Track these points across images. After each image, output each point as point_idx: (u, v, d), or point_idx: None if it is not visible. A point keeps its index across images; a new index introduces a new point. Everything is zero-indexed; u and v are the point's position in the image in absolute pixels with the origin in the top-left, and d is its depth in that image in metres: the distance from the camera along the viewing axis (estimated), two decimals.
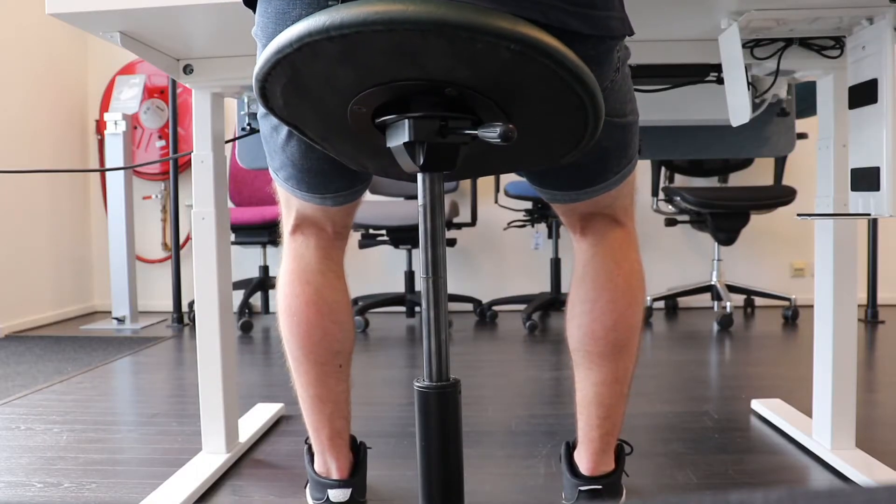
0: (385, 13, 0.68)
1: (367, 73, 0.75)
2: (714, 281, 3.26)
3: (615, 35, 0.84)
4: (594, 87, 0.76)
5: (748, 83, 1.18)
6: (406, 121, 0.76)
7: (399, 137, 0.77)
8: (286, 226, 1.15)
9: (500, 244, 3.70)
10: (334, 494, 1.14)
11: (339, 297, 1.13)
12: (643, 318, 1.12)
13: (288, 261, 1.14)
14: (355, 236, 3.46)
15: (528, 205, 3.32)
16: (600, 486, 1.11)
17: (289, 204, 1.12)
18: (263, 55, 0.76)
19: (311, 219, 1.11)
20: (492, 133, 0.70)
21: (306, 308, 1.11)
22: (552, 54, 0.71)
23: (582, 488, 1.12)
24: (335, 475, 1.15)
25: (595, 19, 0.80)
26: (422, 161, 0.77)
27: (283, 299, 1.14)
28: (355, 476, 1.16)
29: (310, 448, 1.21)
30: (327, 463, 1.16)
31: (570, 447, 1.18)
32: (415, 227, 3.04)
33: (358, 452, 1.19)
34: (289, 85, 0.79)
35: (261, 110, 1.02)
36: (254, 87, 0.81)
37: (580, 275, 1.11)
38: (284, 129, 0.99)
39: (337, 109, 0.82)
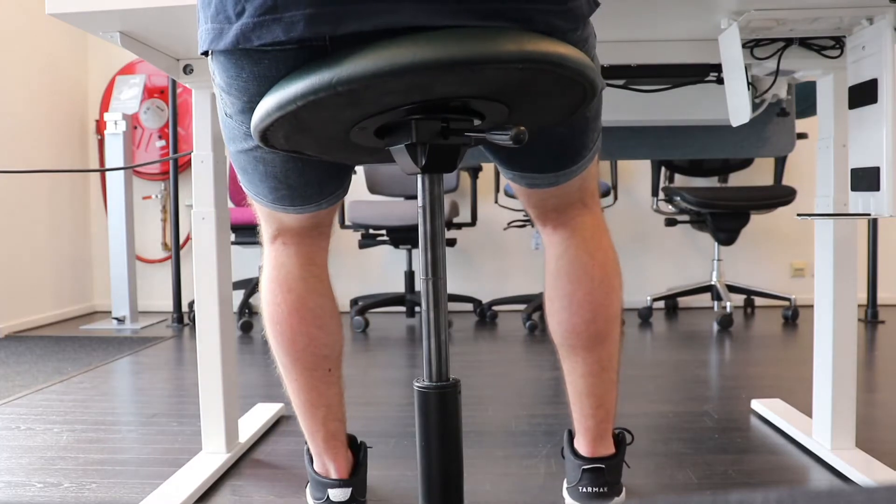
0: (394, 63, 0.67)
1: (373, 108, 0.75)
2: (714, 281, 3.26)
3: (587, 16, 0.85)
4: (594, 74, 0.77)
5: (748, 83, 1.18)
6: (409, 124, 0.77)
7: (401, 140, 0.78)
8: (265, 234, 1.13)
9: (500, 244, 3.70)
10: (334, 494, 1.15)
11: (322, 302, 1.12)
12: (622, 303, 1.13)
13: (269, 269, 1.13)
14: (355, 236, 3.46)
15: None
16: (602, 466, 1.13)
17: (270, 217, 1.09)
18: (263, 109, 0.75)
19: (295, 229, 1.10)
20: (503, 137, 0.70)
21: (289, 316, 1.10)
22: (559, 62, 0.72)
23: (585, 467, 1.14)
24: (334, 475, 1.15)
25: (573, 11, 0.79)
26: (423, 163, 0.77)
27: (265, 308, 1.13)
28: (355, 476, 1.16)
29: (309, 448, 1.22)
30: (325, 464, 1.17)
31: (573, 434, 1.20)
32: (415, 227, 3.04)
33: (358, 452, 1.19)
34: (291, 130, 0.79)
35: (239, 146, 0.96)
36: (253, 135, 0.80)
37: (554, 270, 1.11)
38: (278, 158, 0.95)
39: (338, 135, 0.82)
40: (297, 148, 0.86)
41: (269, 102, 0.74)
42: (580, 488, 1.13)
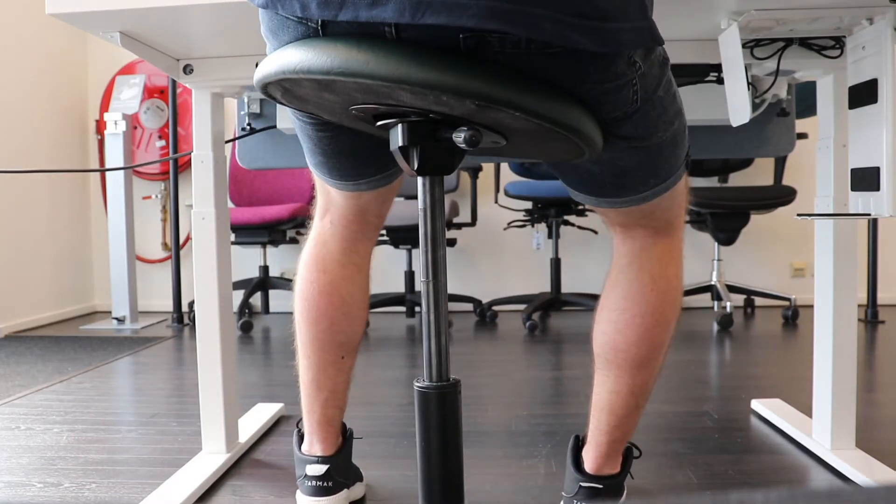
0: (346, 66, 0.68)
1: (351, 99, 0.76)
2: (714, 281, 3.26)
3: (624, 50, 0.72)
4: (578, 124, 0.74)
5: (748, 83, 1.18)
6: (399, 125, 0.77)
7: (395, 141, 0.78)
8: (317, 207, 1.15)
9: (500, 244, 3.70)
10: (311, 469, 1.17)
11: (354, 291, 1.13)
12: (671, 337, 1.08)
13: (311, 244, 1.14)
14: None
15: (528, 205, 3.32)
16: (601, 486, 1.11)
17: (322, 188, 1.11)
18: (256, 74, 0.78)
19: (343, 209, 1.10)
20: (458, 138, 0.71)
21: (318, 297, 1.12)
22: (520, 107, 0.69)
23: (583, 484, 1.12)
24: (317, 452, 1.18)
25: (605, 33, 0.68)
26: (416, 165, 0.77)
27: (298, 282, 1.15)
28: (337, 455, 1.18)
29: (299, 431, 1.24)
30: (313, 443, 1.19)
31: (580, 441, 1.18)
32: (415, 227, 3.04)
33: (345, 437, 1.22)
34: (286, 95, 0.81)
35: None
36: (257, 89, 0.82)
37: (613, 280, 1.07)
38: (310, 119, 0.96)
39: (339, 110, 0.83)
40: (304, 109, 0.87)
41: (259, 69, 0.77)
42: (575, 502, 1.12)
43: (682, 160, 0.98)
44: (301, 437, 1.23)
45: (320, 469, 1.16)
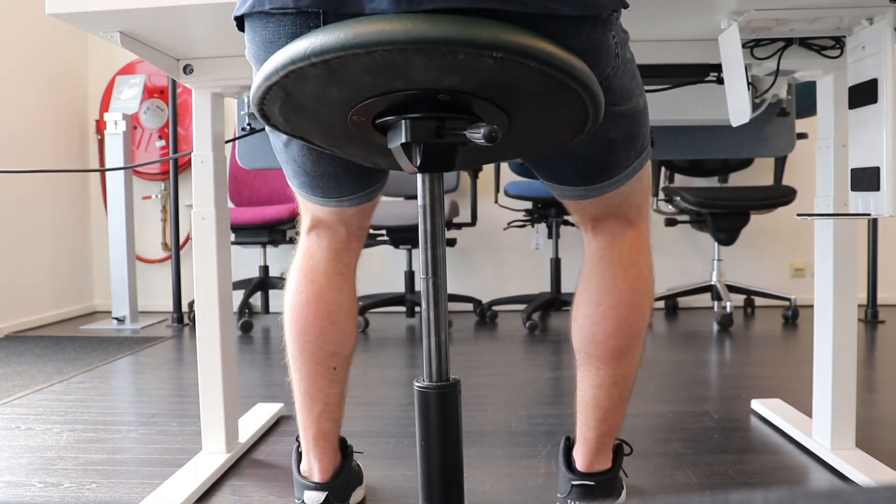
0: (363, 36, 0.68)
1: (358, 89, 0.75)
2: (714, 281, 3.26)
3: (603, 12, 0.79)
4: (587, 78, 0.75)
5: (748, 83, 1.18)
6: (402, 122, 0.77)
7: (397, 139, 0.78)
8: (303, 224, 1.16)
9: (500, 244, 3.70)
10: (309, 497, 1.15)
11: (342, 300, 1.13)
12: (647, 325, 1.11)
13: (299, 258, 1.15)
14: None
15: (528, 205, 3.32)
16: (592, 483, 1.12)
17: (305, 207, 1.13)
18: (255, 81, 0.77)
19: (326, 222, 1.12)
20: (476, 134, 0.71)
21: (307, 305, 1.12)
22: (538, 56, 0.70)
23: (574, 482, 1.13)
24: (315, 477, 1.16)
25: None
26: (419, 162, 0.77)
27: (287, 295, 1.15)
28: (335, 479, 1.16)
29: (297, 449, 1.23)
30: (311, 463, 1.17)
31: (570, 442, 1.19)
32: (415, 227, 3.04)
33: (345, 456, 1.20)
34: (284, 105, 0.80)
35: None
36: (253, 109, 0.82)
37: (586, 276, 1.10)
38: (294, 141, 0.98)
39: (336, 121, 0.82)
40: (300, 132, 0.87)
41: (261, 73, 0.76)
42: (569, 502, 1.13)
43: (649, 136, 1.04)
44: (300, 457, 1.21)
45: (318, 497, 1.14)
